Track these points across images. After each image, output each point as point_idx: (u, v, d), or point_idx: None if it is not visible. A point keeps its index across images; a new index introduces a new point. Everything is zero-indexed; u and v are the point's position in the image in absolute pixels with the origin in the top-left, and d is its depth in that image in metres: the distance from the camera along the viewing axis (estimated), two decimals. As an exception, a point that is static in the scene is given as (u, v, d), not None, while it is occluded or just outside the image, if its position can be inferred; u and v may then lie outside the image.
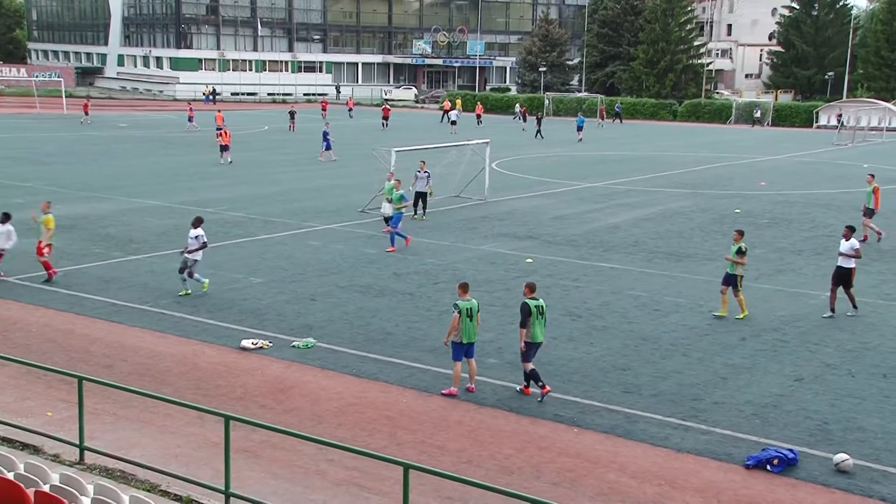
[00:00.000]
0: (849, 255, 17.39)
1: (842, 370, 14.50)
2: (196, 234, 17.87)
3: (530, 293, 13.02)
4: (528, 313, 12.78)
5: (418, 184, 27.13)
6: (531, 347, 12.97)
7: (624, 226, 26.94)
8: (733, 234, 17.72)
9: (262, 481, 10.34)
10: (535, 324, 12.85)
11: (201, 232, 17.94)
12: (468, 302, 12.95)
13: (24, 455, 10.30)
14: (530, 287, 13.15)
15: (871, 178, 25.58)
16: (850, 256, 17.39)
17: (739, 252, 17.05)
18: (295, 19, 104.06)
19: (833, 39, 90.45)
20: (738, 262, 17.03)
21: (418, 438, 11.68)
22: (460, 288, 13.17)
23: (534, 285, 13.23)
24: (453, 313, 12.91)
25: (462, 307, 12.85)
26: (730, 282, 17.20)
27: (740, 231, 17.58)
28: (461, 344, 12.96)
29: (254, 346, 15.02)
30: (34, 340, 15.25)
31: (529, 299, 12.90)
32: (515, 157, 45.47)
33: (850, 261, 17.39)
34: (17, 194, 30.37)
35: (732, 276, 17.15)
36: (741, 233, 17.47)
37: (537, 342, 12.98)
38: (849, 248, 17.40)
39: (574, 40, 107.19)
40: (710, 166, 43.59)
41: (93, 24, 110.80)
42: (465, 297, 13.00)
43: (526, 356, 12.99)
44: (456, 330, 12.85)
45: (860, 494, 10.42)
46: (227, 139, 40.41)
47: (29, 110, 70.85)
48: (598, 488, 10.48)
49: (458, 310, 12.84)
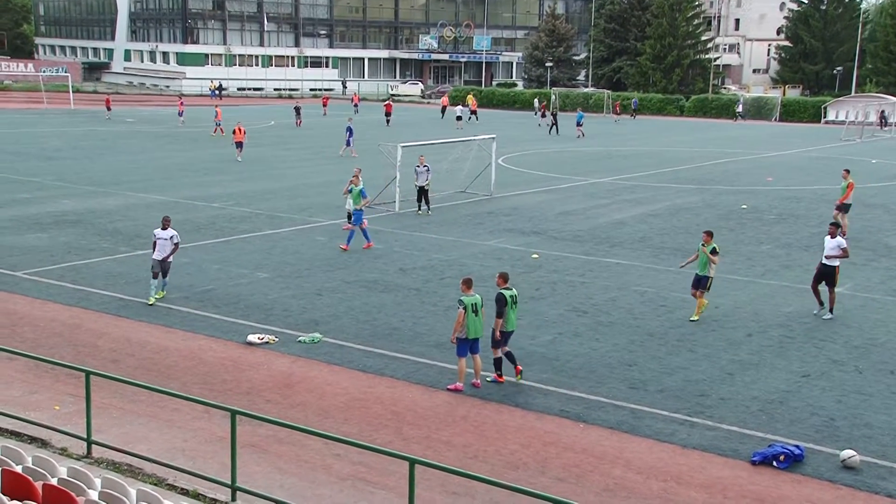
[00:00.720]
0: (834, 254, 17.12)
1: (849, 366, 14.47)
2: (170, 235, 17.07)
3: (504, 283, 13.32)
4: (504, 303, 13.08)
5: (419, 178, 27.06)
6: (505, 335, 13.29)
7: (630, 221, 26.89)
8: (703, 236, 16.95)
9: (268, 476, 10.37)
10: (509, 313, 13.19)
11: (174, 232, 17.23)
12: (472, 297, 12.99)
13: (32, 448, 10.36)
14: (503, 277, 13.44)
15: (847, 174, 25.49)
16: (836, 256, 17.13)
17: (714, 252, 16.66)
18: (301, 14, 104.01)
19: (842, 34, 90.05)
20: (713, 262, 16.60)
21: (424, 433, 11.70)
22: (464, 283, 13.21)
23: (507, 275, 13.51)
24: (458, 309, 12.93)
25: (467, 303, 12.87)
26: (701, 284, 16.75)
27: (709, 232, 16.97)
28: (467, 340, 12.99)
29: (260, 341, 15.05)
30: (42, 335, 15.31)
31: (504, 289, 13.20)
32: (521, 153, 45.42)
33: (835, 259, 17.16)
34: (25, 189, 30.48)
35: (704, 278, 16.69)
36: (711, 234, 16.88)
37: (511, 330, 13.36)
38: (835, 247, 17.13)
39: (581, 35, 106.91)
40: (717, 162, 43.47)
41: (100, 20, 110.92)
42: (469, 292, 13.03)
43: (497, 343, 13.27)
44: (462, 326, 12.87)
45: (867, 491, 10.40)
46: (241, 136, 40.00)
47: (36, 105, 71.01)
48: (603, 484, 10.48)
49: (463, 306, 12.86)
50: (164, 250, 17.05)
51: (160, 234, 17.13)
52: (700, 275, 16.79)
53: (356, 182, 22.28)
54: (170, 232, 17.15)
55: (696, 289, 16.87)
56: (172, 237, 17.12)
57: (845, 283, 19.69)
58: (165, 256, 17.06)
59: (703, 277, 16.74)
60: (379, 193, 28.76)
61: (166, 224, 17.20)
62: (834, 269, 17.16)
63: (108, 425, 11.43)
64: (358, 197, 21.88)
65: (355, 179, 22.46)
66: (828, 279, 17.22)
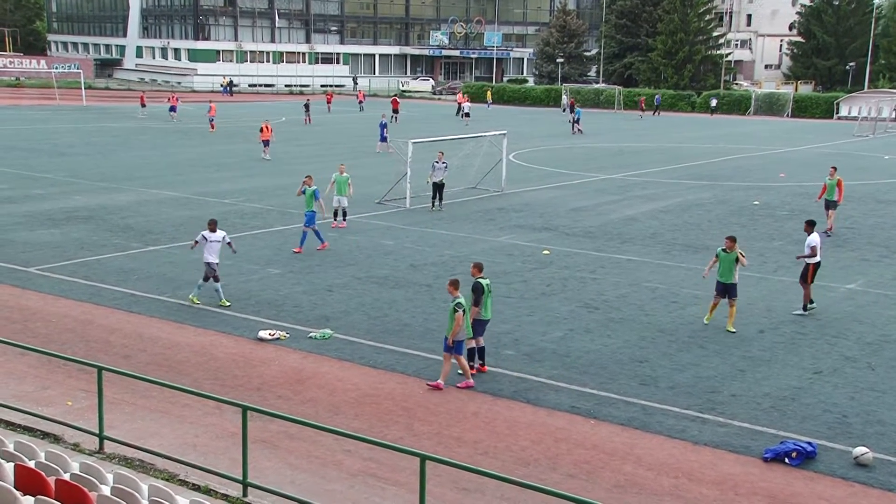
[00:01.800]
0: (804, 253, 17.11)
1: (861, 363, 14.38)
2: (222, 236, 16.94)
3: (479, 273, 13.45)
4: (481, 292, 13.21)
5: (436, 174, 27.08)
6: (481, 324, 13.35)
7: (641, 217, 26.81)
8: (725, 241, 16.10)
9: (279, 471, 10.39)
10: (486, 302, 13.29)
11: (224, 233, 17.10)
12: (461, 298, 12.86)
13: (45, 444, 10.41)
14: (478, 267, 13.58)
15: (834, 171, 25.26)
16: (805, 256, 17.09)
17: (737, 260, 15.82)
18: (312, 10, 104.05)
19: (854, 29, 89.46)
20: (741, 265, 15.90)
21: (435, 430, 11.70)
22: (451, 285, 12.99)
23: (481, 265, 13.63)
24: (457, 313, 12.62)
25: (465, 305, 12.82)
26: (730, 292, 15.88)
27: (732, 237, 16.11)
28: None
29: (271, 337, 15.08)
30: (54, 330, 15.38)
31: (480, 279, 13.33)
32: (532, 149, 45.34)
33: (806, 257, 17.05)
34: (38, 185, 30.63)
35: (733, 286, 15.84)
36: (734, 239, 16.03)
37: (487, 319, 13.44)
38: (805, 245, 17.14)
39: (592, 31, 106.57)
40: (729, 158, 43.28)
41: (112, 16, 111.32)
42: (457, 293, 12.87)
43: (478, 332, 13.32)
44: (461, 328, 12.81)
45: (880, 488, 10.34)
46: (269, 134, 39.36)
47: (49, 102, 71.34)
48: (614, 480, 10.46)
49: (463, 309, 12.68)
50: (215, 253, 16.80)
51: (211, 236, 16.80)
52: (727, 282, 15.86)
53: (309, 183, 21.64)
54: (220, 234, 16.93)
55: (724, 296, 15.94)
56: (224, 237, 16.97)
57: (857, 280, 19.62)
58: (213, 267, 16.80)
59: (731, 285, 15.85)
60: (390, 189, 28.78)
61: (214, 226, 16.95)
62: (807, 267, 17.09)
63: (120, 421, 11.48)
64: (311, 198, 21.28)
65: (308, 181, 21.78)
66: (802, 276, 17.27)
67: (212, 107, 53.45)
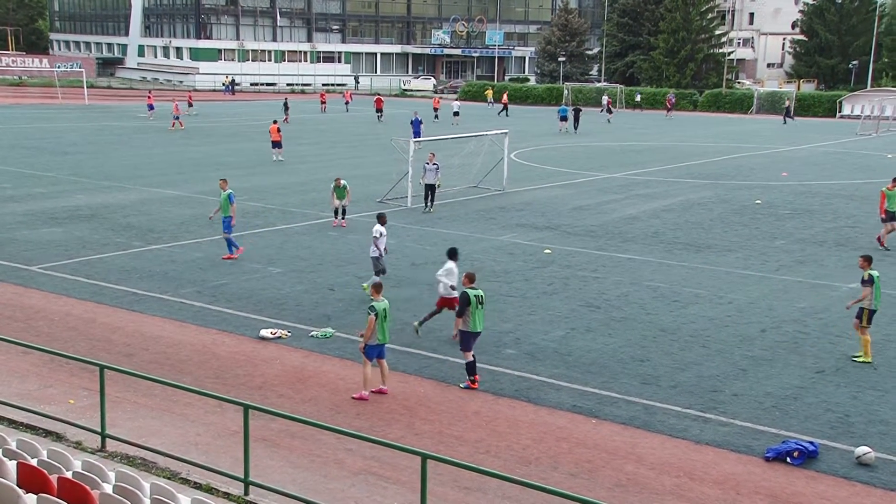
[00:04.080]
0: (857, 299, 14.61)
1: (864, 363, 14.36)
2: None
3: (470, 283, 13.06)
4: (467, 303, 12.81)
5: (427, 176, 26.80)
6: (471, 337, 12.96)
7: (643, 216, 26.80)
8: (859, 261, 14.64)
9: (281, 470, 10.40)
10: (475, 313, 12.87)
11: None
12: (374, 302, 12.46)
13: (48, 442, 10.42)
14: (470, 277, 13.18)
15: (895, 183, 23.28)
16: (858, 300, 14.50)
17: (863, 281, 14.22)
18: (314, 9, 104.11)
19: (857, 28, 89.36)
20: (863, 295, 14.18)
21: (436, 429, 11.70)
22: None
23: (473, 275, 13.25)
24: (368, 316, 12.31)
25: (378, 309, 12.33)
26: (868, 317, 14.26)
27: (867, 257, 14.51)
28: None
29: (272, 336, 15.09)
30: (57, 329, 15.40)
31: (469, 289, 12.93)
32: (534, 148, 45.33)
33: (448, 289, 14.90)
34: (40, 184, 30.66)
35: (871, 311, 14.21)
36: (868, 259, 14.43)
37: (476, 332, 12.99)
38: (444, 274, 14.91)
39: (593, 30, 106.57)
40: (731, 156, 43.24)
41: (114, 15, 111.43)
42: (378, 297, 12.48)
43: (466, 346, 12.96)
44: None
45: (882, 488, 10.33)
46: (277, 135, 38.48)
47: (51, 101, 71.39)
48: (615, 479, 10.46)
49: (374, 313, 12.21)
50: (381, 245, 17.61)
51: (382, 229, 17.61)
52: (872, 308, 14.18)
53: (223, 187, 20.39)
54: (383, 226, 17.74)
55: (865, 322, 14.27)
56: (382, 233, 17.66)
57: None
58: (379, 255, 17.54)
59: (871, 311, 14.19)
60: (391, 188, 28.78)
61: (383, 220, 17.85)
62: None
63: (122, 419, 11.49)
64: (227, 202, 20.09)
65: (223, 184, 20.52)
66: None
67: (175, 105, 52.80)
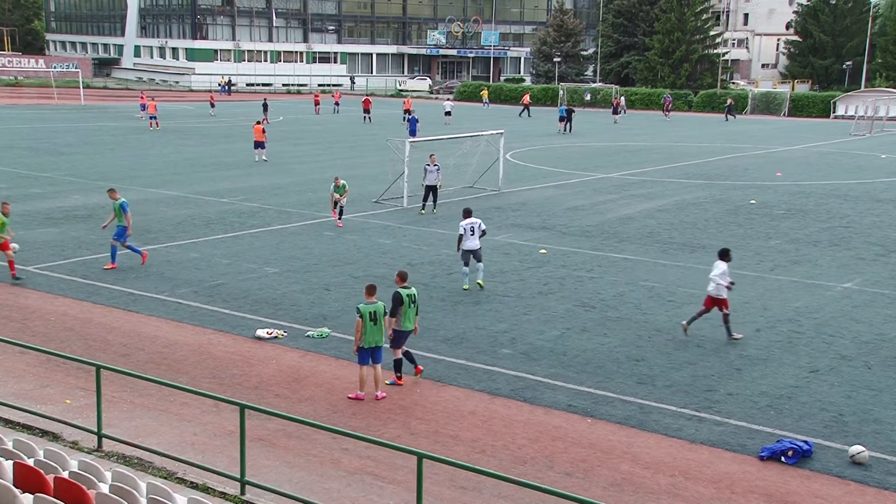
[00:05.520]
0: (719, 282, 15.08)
1: (858, 362, 14.43)
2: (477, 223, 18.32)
3: (402, 282, 13.16)
4: (399, 302, 12.88)
5: (428, 177, 26.82)
6: (402, 335, 13.07)
7: (638, 217, 26.86)
8: None
9: (277, 470, 10.42)
10: (407, 312, 12.95)
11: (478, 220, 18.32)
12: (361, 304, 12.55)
13: (44, 442, 10.43)
14: (401, 276, 13.27)
15: None
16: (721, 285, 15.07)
17: None
18: (310, 10, 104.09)
19: (851, 28, 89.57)
20: None
21: (432, 428, 11.73)
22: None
23: (405, 274, 13.33)
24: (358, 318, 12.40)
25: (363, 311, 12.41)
26: None
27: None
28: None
29: (269, 336, 15.11)
30: (53, 329, 15.40)
31: (401, 288, 13.01)
32: (530, 148, 45.38)
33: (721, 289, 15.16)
34: (37, 184, 30.63)
35: None
36: None
37: (407, 330, 13.09)
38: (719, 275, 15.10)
39: (589, 30, 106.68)
40: (725, 157, 43.33)
41: (110, 16, 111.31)
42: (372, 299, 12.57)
43: (396, 343, 13.06)
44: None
45: (876, 486, 10.38)
46: (262, 136, 38.32)
47: (47, 101, 71.27)
48: (611, 478, 10.49)
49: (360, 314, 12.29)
50: (474, 240, 18.13)
51: (467, 224, 18.15)
52: None
53: (114, 196, 19.43)
54: (474, 220, 18.34)
55: None
56: (479, 225, 18.31)
57: (854, 279, 19.67)
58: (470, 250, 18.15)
59: None
60: (387, 188, 28.80)
61: (468, 214, 18.42)
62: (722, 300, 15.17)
63: (118, 419, 11.51)
64: (120, 211, 19.14)
65: (112, 194, 19.58)
66: None
67: (151, 104, 52.40)
